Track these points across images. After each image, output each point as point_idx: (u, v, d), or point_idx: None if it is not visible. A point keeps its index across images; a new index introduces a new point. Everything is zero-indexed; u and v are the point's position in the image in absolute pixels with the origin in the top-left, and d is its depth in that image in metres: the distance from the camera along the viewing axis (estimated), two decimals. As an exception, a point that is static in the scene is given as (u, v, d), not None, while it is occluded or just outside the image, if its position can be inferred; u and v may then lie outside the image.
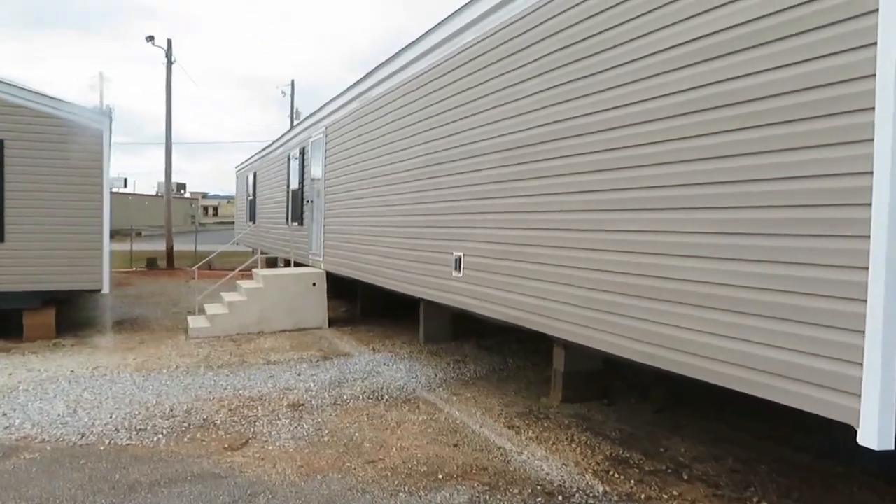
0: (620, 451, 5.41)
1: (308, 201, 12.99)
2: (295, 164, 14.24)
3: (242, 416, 6.34)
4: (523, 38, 5.79)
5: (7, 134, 10.22)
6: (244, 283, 11.82)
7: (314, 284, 11.66)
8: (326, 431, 5.89)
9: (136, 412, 6.43)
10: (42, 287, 10.50)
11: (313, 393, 7.16)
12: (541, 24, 5.53)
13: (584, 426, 6.07)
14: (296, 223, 13.98)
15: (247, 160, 21.94)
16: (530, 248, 5.63)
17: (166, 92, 27.91)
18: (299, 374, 8.02)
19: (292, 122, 43.25)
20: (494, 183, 6.08)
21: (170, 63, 28.08)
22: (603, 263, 4.76)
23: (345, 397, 7.03)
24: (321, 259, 12.20)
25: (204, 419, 6.24)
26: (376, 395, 7.12)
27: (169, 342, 10.32)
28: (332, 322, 11.82)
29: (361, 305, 13.09)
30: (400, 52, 8.30)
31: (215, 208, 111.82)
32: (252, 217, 20.43)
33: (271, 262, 21.52)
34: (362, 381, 7.68)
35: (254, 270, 12.50)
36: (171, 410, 6.50)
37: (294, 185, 14.29)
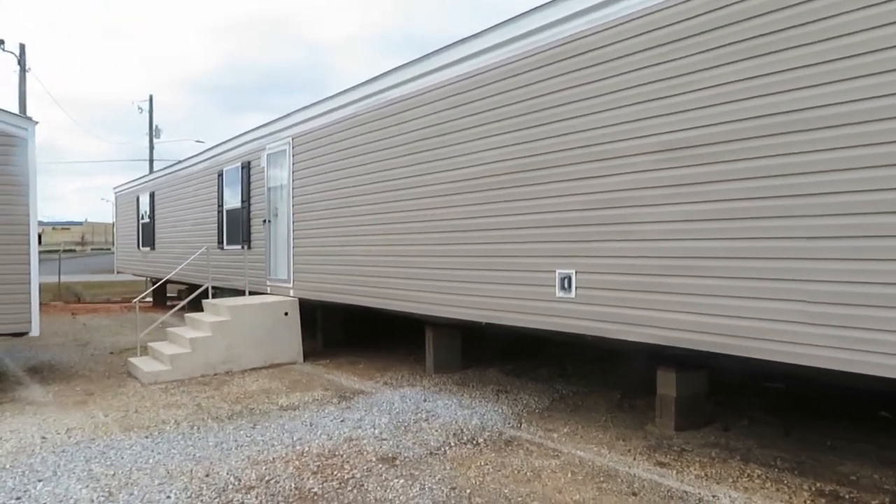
0: (817, 485, 4.86)
1: (264, 221, 11.50)
2: (233, 181, 12.63)
3: (338, 480, 5.12)
4: (708, 17, 4.98)
5: None
6: (203, 317, 10.16)
7: (286, 314, 10.26)
8: (467, 491, 4.84)
9: (195, 487, 4.99)
10: (-46, 332, 8.36)
11: (390, 443, 6.02)
12: None
13: (737, 457, 5.48)
14: (238, 246, 12.36)
15: (136, 179, 19.49)
16: (705, 262, 4.95)
17: (19, 103, 24.44)
18: (342, 421, 6.78)
19: (151, 138, 39.72)
20: (636, 189, 5.35)
21: (23, 71, 24.68)
22: (846, 274, 4.20)
23: (432, 444, 5.96)
24: (290, 286, 10.79)
25: (295, 487, 4.96)
26: (465, 439, 6.11)
27: (124, 391, 8.55)
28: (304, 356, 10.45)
29: (323, 336, 11.76)
30: (448, 46, 7.32)
31: (39, 236, 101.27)
32: (149, 242, 18.09)
33: (159, 291, 19.20)
34: (427, 423, 6.62)
35: (205, 301, 10.82)
36: (239, 480, 5.13)
37: (232, 204, 12.66)
